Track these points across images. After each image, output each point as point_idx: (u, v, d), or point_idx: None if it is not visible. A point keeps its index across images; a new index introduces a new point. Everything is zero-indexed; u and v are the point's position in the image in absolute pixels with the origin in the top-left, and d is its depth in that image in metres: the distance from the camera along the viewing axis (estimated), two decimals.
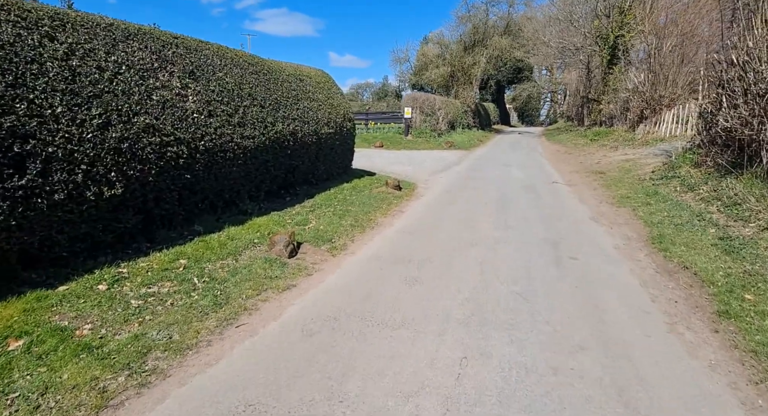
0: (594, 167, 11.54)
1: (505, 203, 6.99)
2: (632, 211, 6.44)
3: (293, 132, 5.78)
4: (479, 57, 23.50)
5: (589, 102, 24.30)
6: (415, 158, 13.69)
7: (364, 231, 5.18)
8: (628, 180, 9.02)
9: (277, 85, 5.76)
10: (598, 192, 8.05)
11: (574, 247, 4.70)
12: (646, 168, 10.12)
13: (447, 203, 6.94)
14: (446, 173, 10.73)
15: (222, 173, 4.42)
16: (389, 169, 11.17)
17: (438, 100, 19.08)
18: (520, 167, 11.81)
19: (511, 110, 52.99)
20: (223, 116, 4.41)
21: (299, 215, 5.41)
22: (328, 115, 7.02)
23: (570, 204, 7.02)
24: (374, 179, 8.67)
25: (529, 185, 8.77)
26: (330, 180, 7.46)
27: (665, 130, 13.98)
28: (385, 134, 19.06)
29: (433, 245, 4.66)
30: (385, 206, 6.52)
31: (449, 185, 8.81)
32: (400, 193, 7.60)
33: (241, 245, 4.05)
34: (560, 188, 8.65)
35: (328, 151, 7.09)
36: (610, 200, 7.26)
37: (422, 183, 9.16)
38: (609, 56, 19.33)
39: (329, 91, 7.56)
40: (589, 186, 8.81)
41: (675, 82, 13.93)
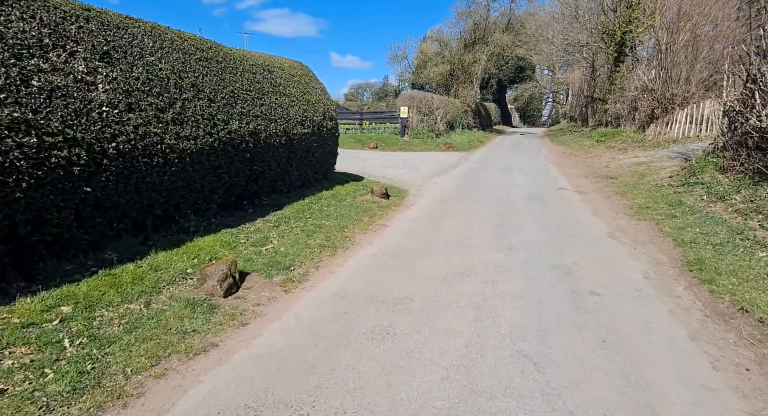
0: (603, 170, 10.59)
1: (506, 215, 6.04)
2: (656, 225, 5.49)
3: (255, 132, 4.84)
4: (480, 54, 22.55)
5: (593, 102, 23.35)
6: (411, 161, 12.76)
7: (335, 253, 4.24)
8: (644, 186, 8.07)
9: (236, 77, 4.82)
10: (613, 201, 7.10)
11: (593, 276, 3.76)
12: (662, 173, 9.17)
13: (440, 215, 6.00)
14: (442, 178, 9.79)
15: (148, 184, 3.48)
16: (381, 173, 10.23)
17: (436, 100, 18.15)
18: (523, 171, 10.86)
19: (512, 111, 52.05)
20: (150, 111, 3.48)
21: (258, 233, 4.47)
22: (303, 112, 6.09)
23: (582, 217, 6.07)
24: (360, 185, 7.73)
25: (533, 193, 7.82)
26: (306, 187, 6.52)
27: (678, 131, 13.03)
28: (380, 135, 18.12)
29: (418, 274, 3.72)
30: (366, 219, 5.58)
31: (444, 193, 7.87)
32: (387, 202, 6.66)
33: (166, 279, 3.11)
34: (569, 195, 7.70)
35: (303, 154, 6.15)
36: (627, 211, 6.31)
37: (414, 190, 8.22)
38: (616, 53, 18.38)
39: (307, 85, 6.63)
40: (600, 193, 7.86)
41: (688, 80, 12.98)
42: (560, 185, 8.71)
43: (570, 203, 6.99)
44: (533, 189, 8.25)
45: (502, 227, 5.42)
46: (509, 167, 11.65)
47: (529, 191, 7.98)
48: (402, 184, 8.85)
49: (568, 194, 7.80)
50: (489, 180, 9.44)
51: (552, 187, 8.56)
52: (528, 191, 8.07)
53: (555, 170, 11.42)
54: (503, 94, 40.57)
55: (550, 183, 9.08)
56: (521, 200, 7.20)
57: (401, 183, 8.93)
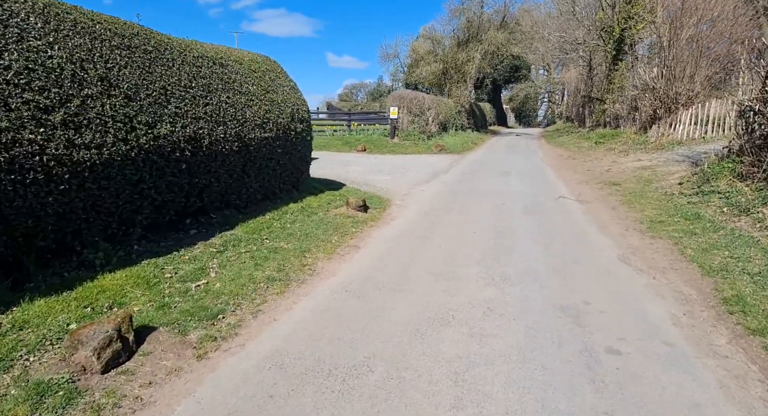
0: (605, 175, 9.82)
1: (501, 232, 5.21)
2: (674, 245, 4.69)
3: (195, 137, 3.98)
4: (474, 53, 21.76)
5: (591, 102, 22.65)
6: (399, 165, 11.92)
7: (285, 290, 3.39)
8: (652, 195, 7.28)
9: (171, 70, 3.96)
10: (619, 213, 6.30)
11: (609, 323, 2.94)
12: (669, 179, 8.40)
13: (423, 232, 5.16)
14: (431, 185, 8.96)
15: (20, 208, 2.62)
16: (365, 179, 9.39)
17: (428, 99, 17.33)
18: (519, 176, 10.06)
19: (508, 111, 51.42)
20: (26, 112, 2.61)
21: (193, 263, 3.61)
22: (264, 114, 5.23)
23: (587, 234, 5.26)
24: (337, 195, 6.88)
25: (531, 203, 7.01)
26: (270, 200, 5.66)
27: (682, 132, 12.30)
28: (369, 137, 17.28)
29: (385, 323, 2.88)
30: (336, 239, 4.73)
31: (432, 203, 7.03)
32: (365, 216, 5.81)
33: (29, 344, 2.25)
34: (570, 206, 6.89)
35: (264, 162, 5.29)
36: (638, 227, 5.50)
37: (399, 199, 7.38)
38: (614, 51, 17.66)
39: (272, 82, 5.77)
40: (604, 203, 7.07)
41: (692, 78, 12.26)
42: (560, 193, 7.91)
43: (572, 216, 6.18)
44: (530, 198, 7.44)
45: (495, 248, 4.59)
46: (504, 172, 10.84)
47: (525, 201, 7.16)
48: (386, 192, 8.01)
49: (569, 205, 7.00)
50: (482, 187, 8.62)
51: (551, 195, 7.75)
52: (524, 200, 7.25)
53: (553, 174, 10.63)
54: (498, 94, 39.87)
55: (548, 190, 8.28)
56: (517, 212, 6.38)
57: (385, 191, 8.09)
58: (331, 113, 35.56)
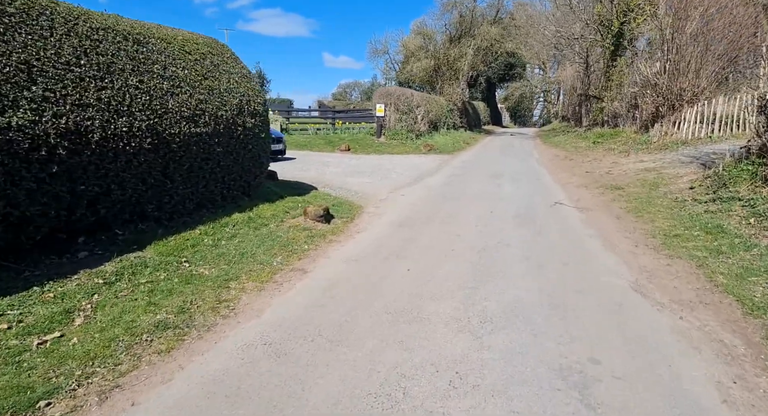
0: (605, 178, 8.93)
1: (486, 250, 4.28)
2: (697, 268, 3.78)
3: (76, 131, 3.01)
4: (466, 48, 20.84)
5: (588, 100, 21.83)
6: (383, 166, 10.97)
7: (175, 346, 2.42)
8: (661, 201, 6.39)
9: (43, 41, 2.99)
10: (626, 223, 5.39)
11: (630, 402, 2.01)
12: (678, 182, 7.52)
13: (391, 251, 4.22)
14: (414, 189, 8.03)
15: None
16: (341, 182, 8.44)
17: (417, 96, 16.40)
18: (512, 180, 9.14)
19: (503, 110, 50.65)
20: None
21: (59, 302, 2.64)
22: (197, 104, 4.27)
23: (590, 251, 4.33)
24: (299, 201, 5.91)
25: (524, 211, 6.08)
26: (208, 210, 4.69)
27: (687, 131, 11.45)
28: (354, 136, 16.33)
29: (302, 410, 1.94)
30: (279, 261, 3.78)
31: (410, 211, 6.09)
32: (325, 228, 4.86)
33: None
34: (568, 214, 5.98)
35: (198, 163, 4.32)
36: (649, 241, 4.59)
37: (373, 206, 6.43)
38: (613, 46, 16.81)
39: (214, 67, 4.81)
40: (607, 211, 6.16)
41: (698, 74, 11.41)
42: (556, 199, 6.99)
43: (571, 228, 5.25)
44: (523, 205, 6.52)
45: (477, 272, 3.65)
46: (496, 174, 9.92)
47: (518, 208, 6.24)
48: (361, 197, 7.07)
49: (568, 212, 6.08)
50: (470, 191, 7.69)
51: (546, 201, 6.84)
52: (517, 207, 6.33)
53: (549, 177, 9.73)
54: (493, 92, 39.03)
55: (543, 195, 7.36)
56: (508, 222, 5.45)
57: (360, 196, 7.15)
58: (322, 112, 34.74)
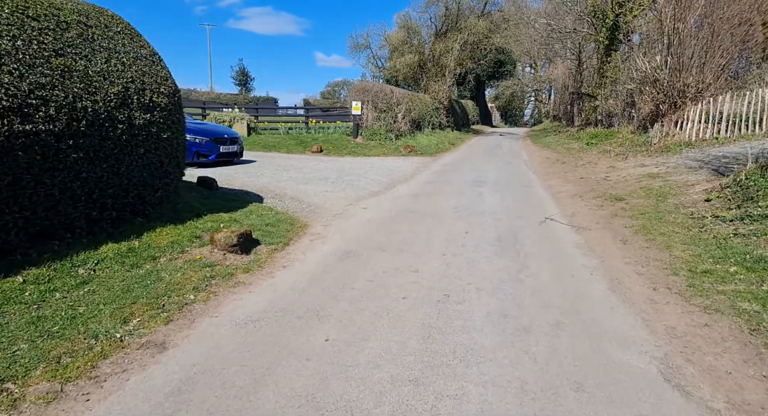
0: (603, 185, 7.78)
1: (447, 306, 3.03)
2: (751, 332, 2.59)
3: None
4: (452, 43, 19.66)
5: (580, 98, 20.80)
6: (353, 171, 9.72)
7: None
8: (673, 217, 5.22)
9: None
10: (635, 250, 4.20)
11: None
12: (690, 192, 6.37)
13: (316, 305, 2.96)
14: (379, 200, 6.79)
15: None
16: (296, 191, 7.18)
17: (397, 93, 15.17)
18: (496, 187, 7.94)
19: (493, 109, 49.70)
20: None
21: None
22: (30, 89, 2.98)
23: (594, 301, 3.10)
24: (218, 221, 4.61)
25: (506, 232, 4.86)
26: (62, 239, 3.38)
27: (691, 131, 10.37)
28: (329, 136, 15.04)
29: None
30: (135, 325, 2.51)
31: (364, 234, 4.84)
32: (239, 263, 3.58)
33: None
34: (561, 235, 4.78)
35: (33, 176, 3.02)
36: (671, 281, 3.39)
37: (321, 225, 5.17)
38: (607, 40, 15.74)
39: (86, 42, 3.52)
40: (609, 230, 4.97)
41: (703, 68, 10.33)
42: (547, 213, 5.80)
43: (566, 258, 4.04)
44: (507, 222, 5.31)
45: (426, 352, 2.40)
46: (479, 181, 8.73)
47: (499, 228, 5.03)
48: (311, 212, 5.81)
49: (561, 233, 4.88)
50: (445, 204, 6.47)
51: (535, 216, 5.64)
52: (499, 226, 5.12)
53: (539, 183, 8.56)
54: (482, 91, 37.94)
55: (532, 208, 6.17)
56: (484, 249, 4.23)
57: (311, 210, 5.89)
58: (307, 109, 33.37)
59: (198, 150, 8.62)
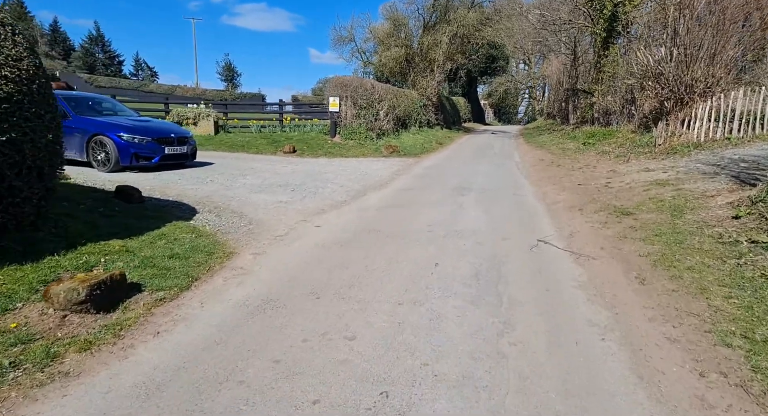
0: (605, 194, 6.71)
1: (389, 400, 1.92)
2: None
3: None
4: (441, 36, 18.54)
5: (575, 95, 19.78)
6: (322, 176, 8.58)
7: None
8: (698, 241, 4.14)
9: None
10: (657, 296, 3.11)
11: None
12: (711, 205, 5.30)
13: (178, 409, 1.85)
14: (340, 215, 5.65)
15: None
16: (245, 201, 6.03)
17: (379, 88, 14.01)
18: (482, 196, 6.84)
19: (486, 107, 48.68)
20: None
21: None
22: None
23: (611, 396, 1.99)
24: (104, 252, 3.45)
25: (488, 261, 3.75)
26: None
27: (699, 131, 9.34)
28: (305, 134, 13.85)
29: None
30: None
31: (302, 268, 3.70)
32: (83, 331, 2.44)
33: None
34: (558, 270, 3.67)
35: None
36: (722, 356, 2.30)
37: (250, 254, 4.02)
38: (605, 33, 14.70)
39: None
40: (619, 260, 3.89)
41: (713, 60, 9.30)
42: (540, 232, 4.71)
43: (565, 308, 2.93)
44: (490, 246, 4.20)
45: None
46: (463, 187, 7.62)
47: (480, 255, 3.92)
48: (248, 232, 4.67)
49: (558, 266, 3.78)
50: (419, 219, 5.35)
51: (525, 236, 4.54)
52: (479, 252, 4.00)
53: (531, 190, 7.47)
54: (474, 87, 36.84)
55: (522, 225, 5.07)
56: (455, 295, 3.11)
57: (250, 230, 4.74)
58: (296, 106, 32.11)
59: (137, 152, 7.41)
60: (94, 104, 8.41)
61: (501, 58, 31.13)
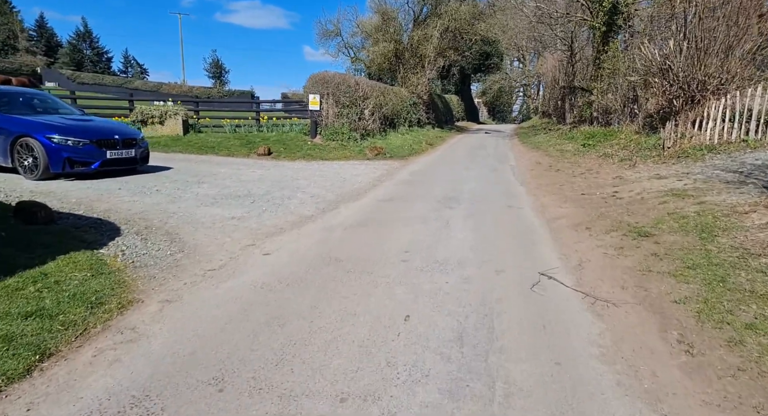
0: (615, 207, 5.77)
1: None
2: None
3: None
4: (432, 30, 17.56)
5: (572, 93, 18.90)
6: (293, 182, 7.57)
7: None
8: (747, 277, 3.17)
9: None
10: (716, 382, 2.16)
11: None
12: (747, 225, 4.37)
13: None
14: (302, 235, 4.66)
15: None
16: (184, 218, 5.02)
17: (364, 85, 13.00)
18: (472, 209, 5.87)
19: (480, 105, 47.83)
20: None
21: None
22: None
23: None
24: None
25: (476, 316, 2.74)
26: None
27: (713, 132, 8.45)
28: (283, 135, 12.80)
29: None
30: None
31: (217, 329, 2.69)
32: None
33: None
34: (570, 324, 2.69)
35: None
36: None
37: (156, 304, 3.00)
38: (605, 26, 13.80)
39: None
40: (649, 310, 2.92)
41: (728, 54, 8.41)
42: (541, 260, 3.74)
43: (588, 401, 1.95)
44: (479, 283, 3.20)
45: None
46: (451, 197, 6.65)
47: (465, 302, 2.92)
48: (173, 264, 3.66)
49: (566, 315, 2.80)
50: (394, 242, 4.35)
51: (523, 266, 3.57)
52: (464, 297, 3.00)
53: (529, 201, 6.52)
54: (467, 85, 35.89)
55: (519, 250, 4.10)
56: (428, 376, 2.11)
57: (175, 261, 3.73)
58: (286, 103, 30.76)
59: (71, 156, 6.35)
60: (28, 101, 7.32)
61: (495, 55, 30.22)
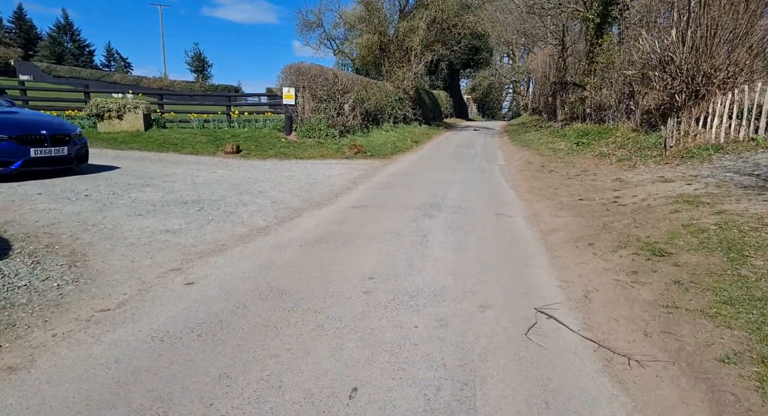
0: (619, 216, 5.00)
1: None
2: None
3: None
4: (418, 22, 16.71)
5: (564, 89, 18.24)
6: (254, 186, 6.67)
7: None
8: None
9: None
10: None
11: None
12: None
13: None
14: (246, 254, 3.78)
15: None
16: (109, 231, 4.12)
17: (344, 78, 12.09)
18: (455, 220, 5.04)
19: (469, 101, 47.15)
20: None
21: None
22: None
23: None
24: None
25: (453, 376, 1.89)
26: None
27: (719, 130, 7.78)
28: (256, 131, 11.84)
29: None
30: None
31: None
32: None
33: None
34: (581, 387, 1.85)
35: None
36: None
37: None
38: (599, 18, 13.10)
39: None
40: (682, 362, 2.14)
41: (735, 45, 7.72)
42: (537, 288, 2.93)
43: None
44: (460, 324, 2.35)
45: None
46: (433, 204, 5.83)
47: (440, 353, 2.06)
48: (61, 296, 2.76)
49: (578, 381, 1.96)
50: (358, 266, 3.51)
51: (515, 300, 2.75)
52: (440, 344, 2.15)
53: (520, 208, 5.73)
54: (456, 80, 35.11)
55: (510, 276, 3.27)
56: None
57: (68, 291, 2.83)
58: (270, 97, 29.44)
59: None
60: None
61: (484, 50, 29.47)
